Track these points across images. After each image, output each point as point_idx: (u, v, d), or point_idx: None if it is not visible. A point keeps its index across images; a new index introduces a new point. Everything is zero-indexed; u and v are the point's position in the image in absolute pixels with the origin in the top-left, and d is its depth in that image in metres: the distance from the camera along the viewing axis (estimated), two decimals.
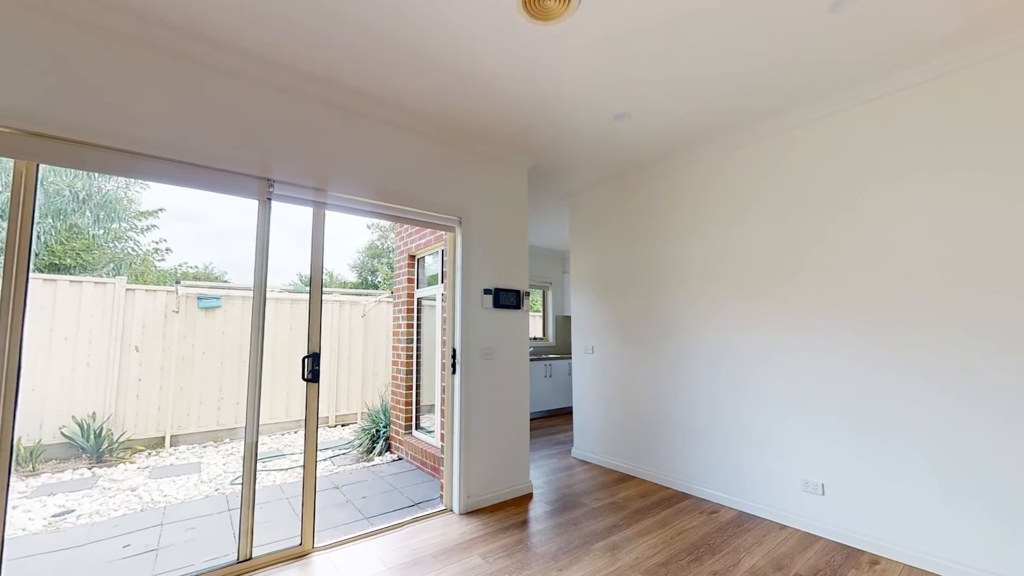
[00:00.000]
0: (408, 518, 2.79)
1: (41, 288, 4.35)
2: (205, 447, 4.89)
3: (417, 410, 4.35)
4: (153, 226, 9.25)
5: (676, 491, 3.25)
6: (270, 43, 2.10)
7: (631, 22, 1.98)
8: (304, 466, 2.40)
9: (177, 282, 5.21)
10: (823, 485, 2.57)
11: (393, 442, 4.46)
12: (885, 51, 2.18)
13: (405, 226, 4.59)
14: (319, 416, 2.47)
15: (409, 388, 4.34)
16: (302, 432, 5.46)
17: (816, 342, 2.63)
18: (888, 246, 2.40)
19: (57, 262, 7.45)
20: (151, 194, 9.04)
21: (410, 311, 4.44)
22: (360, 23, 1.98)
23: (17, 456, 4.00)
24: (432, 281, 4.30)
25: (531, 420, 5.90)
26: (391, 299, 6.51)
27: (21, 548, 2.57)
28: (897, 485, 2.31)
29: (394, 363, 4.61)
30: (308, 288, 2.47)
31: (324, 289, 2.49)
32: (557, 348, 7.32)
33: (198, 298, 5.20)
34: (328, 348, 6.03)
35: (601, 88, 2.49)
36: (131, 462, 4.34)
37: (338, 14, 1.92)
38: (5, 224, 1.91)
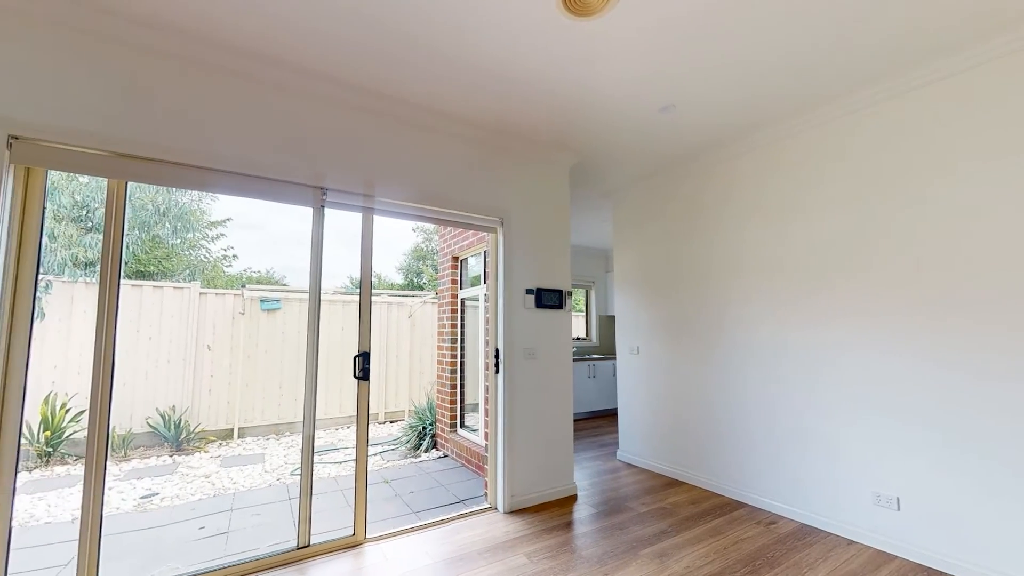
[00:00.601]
0: (454, 514, 2.85)
1: (129, 293, 4.85)
2: (268, 439, 5.25)
3: (462, 409, 4.43)
4: (222, 235, 10.05)
5: (729, 499, 3.10)
6: (323, 59, 2.23)
7: (676, 9, 1.92)
8: (356, 460, 2.51)
9: (243, 286, 5.63)
10: (898, 499, 2.35)
11: (439, 439, 4.57)
12: (969, 16, 1.97)
13: (448, 228, 4.69)
14: (369, 413, 2.58)
15: (454, 387, 4.43)
16: (354, 428, 5.73)
17: (892, 343, 2.41)
18: (976, 237, 2.16)
19: (142, 269, 8.27)
20: (220, 205, 9.82)
21: (454, 312, 4.54)
22: (407, 34, 2.05)
23: (112, 443, 4.49)
24: (475, 282, 4.37)
25: (575, 421, 5.84)
26: (436, 300, 6.68)
27: (116, 525, 2.88)
28: (988, 504, 2.08)
29: (439, 362, 4.72)
30: (358, 290, 2.59)
31: (373, 291, 2.60)
32: (601, 348, 7.20)
33: (260, 301, 5.59)
34: (377, 348, 6.28)
35: (645, 81, 2.43)
36: (205, 451, 4.74)
37: (387, 28, 2.00)
38: (101, 238, 2.14)
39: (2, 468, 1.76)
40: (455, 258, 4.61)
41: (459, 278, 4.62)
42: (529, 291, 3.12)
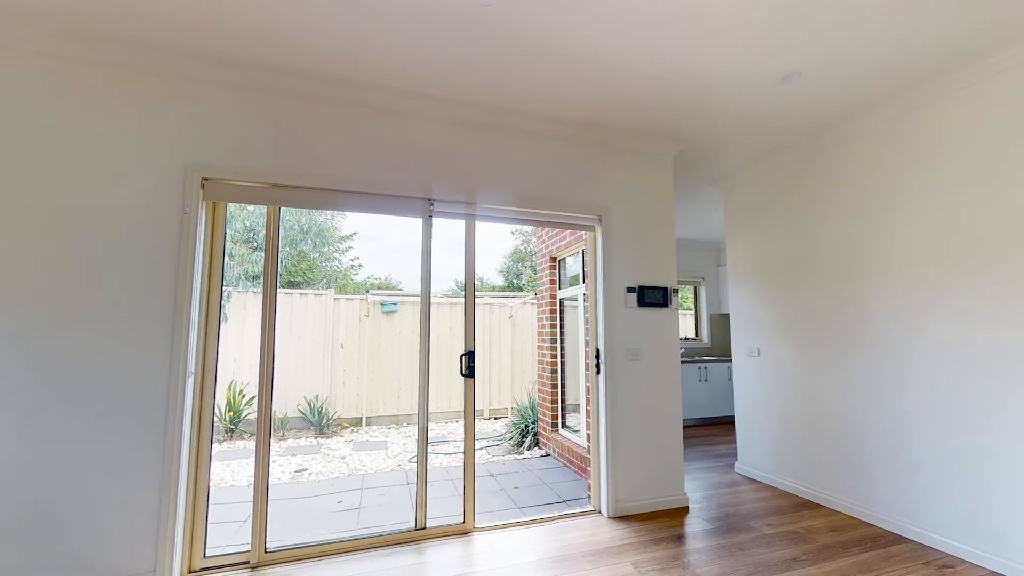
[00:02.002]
0: (557, 514, 2.86)
1: (284, 300, 5.82)
2: (390, 428, 5.85)
3: (563, 408, 4.44)
4: (350, 247, 11.50)
5: (883, 530, 2.61)
6: (427, 80, 2.42)
7: None
8: (464, 453, 2.68)
9: (367, 291, 6.38)
10: None
11: (541, 438, 4.64)
12: None
13: (546, 229, 4.75)
14: (475, 409, 2.73)
15: (554, 387, 4.46)
16: (462, 422, 6.10)
17: None
18: None
19: (291, 280, 9.85)
20: (347, 222, 11.25)
21: (553, 312, 4.56)
22: (505, 45, 2.13)
23: (273, 424, 5.42)
24: (574, 282, 4.35)
25: (684, 428, 5.45)
26: (535, 300, 6.78)
27: (278, 492, 3.47)
28: None
29: (539, 362, 4.79)
30: (463, 293, 2.75)
31: (476, 293, 2.75)
32: (713, 350, 6.61)
33: (381, 304, 6.27)
34: (481, 347, 6.60)
35: (761, 50, 2.18)
36: (341, 436, 5.46)
37: (487, 43, 2.11)
38: (263, 255, 2.58)
39: (202, 439, 2.25)
40: (553, 258, 4.64)
41: (557, 278, 4.64)
42: (631, 289, 3.01)
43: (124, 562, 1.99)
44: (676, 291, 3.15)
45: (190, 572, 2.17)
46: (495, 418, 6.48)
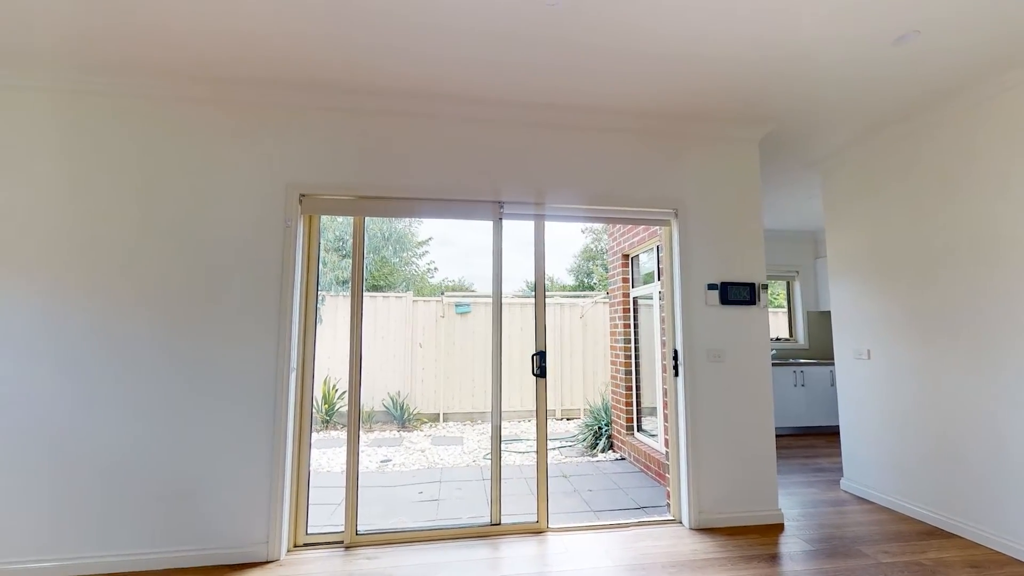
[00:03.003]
0: (634, 520, 2.76)
1: (368, 303, 6.30)
2: (465, 425, 6.07)
3: (638, 411, 4.28)
4: (426, 251, 12.12)
5: None
6: (495, 86, 2.48)
7: None
8: (537, 452, 2.69)
9: (442, 293, 6.69)
10: None
11: (615, 441, 4.51)
12: None
13: (617, 226, 4.62)
14: (547, 409, 2.73)
15: (629, 389, 4.31)
16: (534, 421, 6.14)
17: None
18: None
19: (375, 284, 10.62)
20: (424, 228, 11.88)
21: (626, 311, 4.42)
22: (574, 42, 2.12)
23: (361, 417, 5.88)
24: (648, 279, 4.18)
25: (778, 437, 4.97)
26: (607, 300, 6.62)
27: (365, 480, 3.76)
28: None
29: (612, 363, 4.67)
30: (533, 293, 2.77)
31: (546, 293, 2.76)
32: (811, 351, 5.95)
33: (455, 305, 6.53)
34: (552, 347, 6.59)
35: (870, 7, 1.92)
36: (420, 430, 5.77)
37: (558, 42, 2.11)
38: (351, 261, 2.81)
39: (303, 428, 2.51)
40: (625, 256, 4.50)
41: (630, 276, 4.49)
42: (712, 286, 2.82)
43: (243, 532, 2.29)
44: (765, 287, 2.89)
45: (295, 546, 2.43)
46: (567, 419, 6.43)
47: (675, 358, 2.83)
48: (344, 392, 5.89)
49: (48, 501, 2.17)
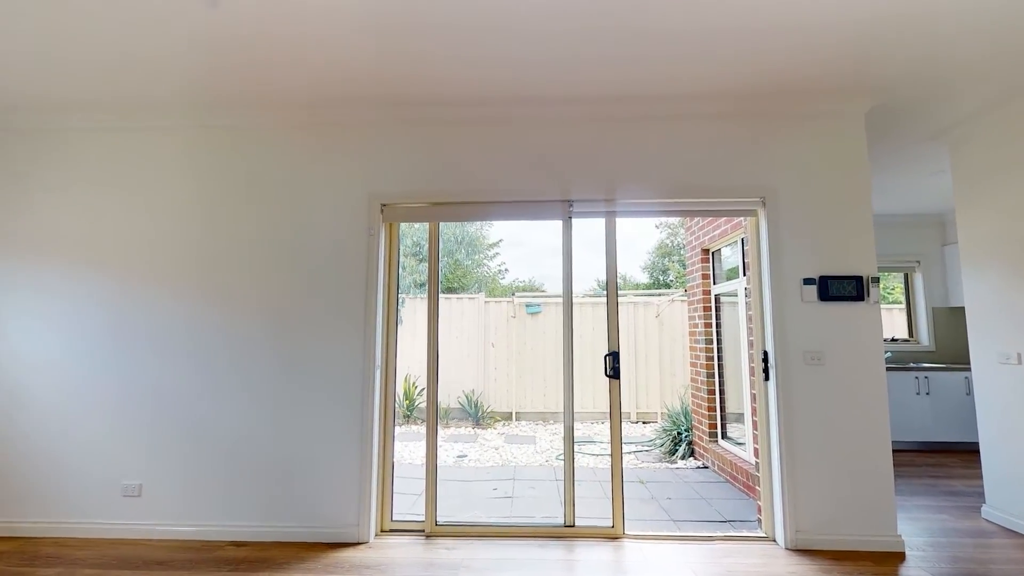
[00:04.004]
0: (719, 534, 2.57)
1: (443, 304, 6.58)
2: (537, 424, 6.08)
3: (723, 417, 3.98)
4: (497, 253, 12.39)
5: None
6: (565, 82, 2.46)
7: None
8: (611, 455, 2.61)
9: (513, 294, 6.78)
10: None
11: (697, 448, 4.24)
12: None
13: (696, 219, 4.35)
14: (621, 411, 2.64)
15: (711, 392, 4.03)
16: (608, 424, 5.98)
17: None
18: None
19: (449, 286, 11.08)
20: (494, 230, 12.16)
21: (707, 309, 4.14)
22: (640, 29, 2.04)
23: (438, 413, 6.15)
24: (731, 275, 3.87)
25: (897, 452, 4.33)
26: (685, 298, 6.26)
27: (443, 474, 3.92)
28: None
29: (692, 365, 4.40)
30: (605, 292, 2.70)
31: (618, 292, 2.67)
32: (938, 354, 5.08)
33: (526, 306, 6.58)
34: (625, 348, 6.37)
35: None
36: (494, 428, 5.90)
37: (621, 30, 2.05)
38: (427, 265, 2.95)
39: (387, 421, 2.69)
40: (705, 251, 4.22)
41: (711, 272, 4.20)
42: (808, 281, 2.54)
43: (337, 514, 2.51)
44: (876, 280, 2.53)
45: (382, 531, 2.61)
46: (643, 422, 6.17)
47: (765, 360, 2.59)
48: (423, 389, 6.21)
49: (185, 475, 2.56)
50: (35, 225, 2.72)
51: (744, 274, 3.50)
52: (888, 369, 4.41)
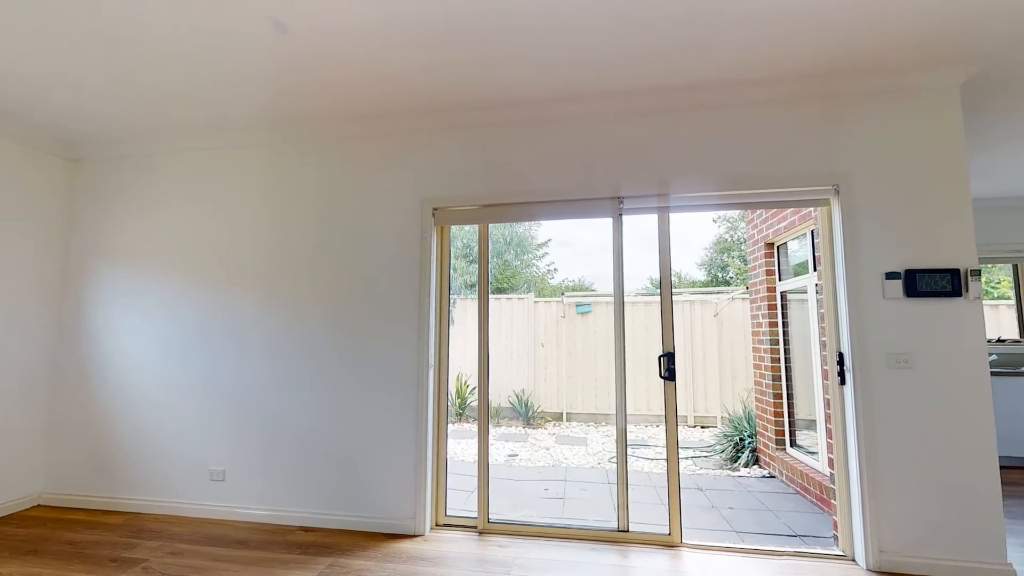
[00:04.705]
0: (789, 549, 2.39)
1: (493, 305, 6.66)
2: (588, 426, 5.99)
3: (791, 424, 3.70)
4: (545, 253, 12.35)
5: None
6: (610, 78, 2.40)
7: None
8: (667, 460, 2.51)
9: (562, 294, 6.72)
10: None
11: (762, 456, 3.97)
12: None
13: (758, 212, 4.08)
14: (678, 414, 2.53)
15: (778, 397, 3.76)
16: (663, 427, 5.76)
17: None
18: None
19: (498, 286, 11.20)
20: (543, 230, 12.14)
21: (772, 308, 3.87)
22: (693, 11, 1.95)
23: (489, 412, 6.23)
24: (799, 270, 3.59)
25: (1003, 468, 3.80)
26: (747, 295, 5.90)
27: (495, 472, 3.97)
28: None
29: (756, 367, 4.13)
30: (658, 291, 2.61)
31: (673, 290, 2.57)
32: None
33: (576, 305, 6.50)
34: (681, 348, 6.11)
35: None
36: (544, 428, 5.88)
37: (673, 18, 1.97)
38: (476, 266, 3.00)
39: (440, 419, 2.76)
40: (769, 245, 3.95)
41: (776, 267, 3.92)
42: (892, 275, 2.29)
43: (394, 507, 2.61)
44: (977, 273, 2.24)
45: (436, 525, 2.68)
46: (701, 427, 5.88)
47: (840, 363, 2.37)
48: (474, 388, 6.32)
49: (261, 463, 2.78)
50: (138, 238, 3.08)
51: (815, 269, 3.24)
52: (993, 374, 3.88)
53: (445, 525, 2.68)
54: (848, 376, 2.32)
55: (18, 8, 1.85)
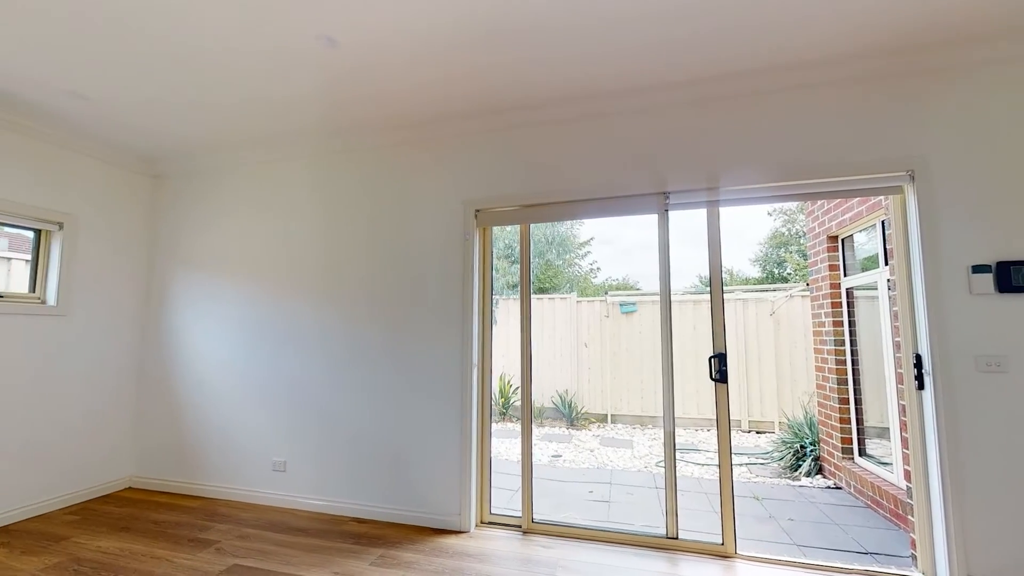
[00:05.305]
0: (859, 567, 2.20)
1: (535, 305, 6.65)
2: (634, 428, 5.83)
3: (859, 431, 3.42)
4: (588, 252, 12.18)
5: None
6: (654, 71, 2.32)
7: None
8: (719, 466, 2.39)
9: (606, 293, 6.59)
10: None
11: (826, 465, 3.69)
12: None
13: (819, 203, 3.81)
14: (730, 418, 2.41)
15: (844, 402, 3.48)
16: (714, 431, 5.49)
17: None
18: None
19: (541, 286, 11.16)
20: (585, 229, 11.97)
21: (836, 305, 3.60)
22: None
23: (533, 412, 6.22)
24: (868, 265, 3.31)
25: None
26: (807, 292, 5.52)
27: (538, 472, 3.95)
28: None
29: (819, 369, 3.84)
30: (708, 288, 2.49)
31: (724, 288, 2.45)
32: None
33: (620, 305, 6.35)
34: (734, 349, 5.81)
35: None
36: (588, 429, 5.79)
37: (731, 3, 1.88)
38: (519, 267, 3.00)
39: (484, 417, 2.79)
40: (832, 238, 3.67)
41: (840, 262, 3.63)
42: (979, 268, 2.06)
43: (441, 503, 2.67)
44: None
45: (481, 522, 2.71)
46: (756, 432, 5.56)
47: (918, 366, 2.15)
48: (517, 388, 6.34)
49: (318, 456, 2.94)
50: (208, 246, 3.35)
51: (886, 263, 2.98)
52: None
53: (489, 523, 2.71)
54: (927, 380, 2.10)
55: (108, 43, 2.07)
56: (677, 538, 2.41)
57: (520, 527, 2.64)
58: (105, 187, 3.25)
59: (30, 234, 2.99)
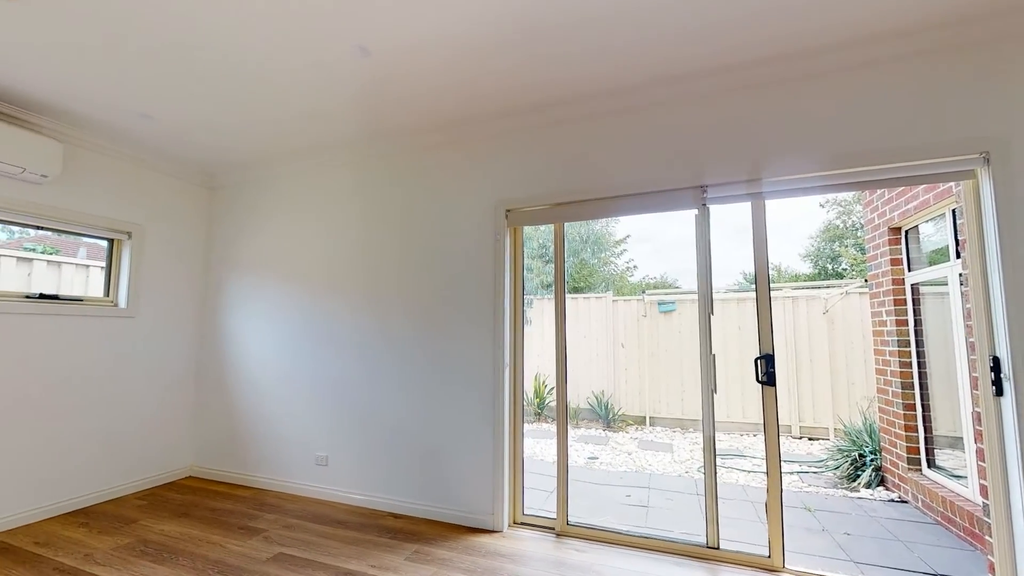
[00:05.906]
0: None
1: (570, 304, 6.56)
2: (674, 431, 5.63)
3: (927, 440, 3.13)
4: (624, 250, 11.90)
5: None
6: (690, 57, 2.22)
7: None
8: (767, 474, 2.26)
9: (643, 292, 6.40)
10: None
11: (889, 476, 3.41)
12: None
13: (878, 192, 3.53)
14: (779, 423, 2.26)
15: (910, 408, 3.20)
16: (760, 436, 5.21)
17: None
18: None
19: (576, 286, 11.02)
20: (620, 226, 11.71)
21: (899, 303, 3.31)
22: None
23: (568, 413, 6.15)
24: (936, 258, 3.03)
25: None
26: (865, 289, 5.14)
27: (574, 474, 3.90)
28: None
29: (880, 372, 3.56)
30: (753, 286, 2.35)
31: (771, 285, 2.31)
32: None
33: (658, 304, 6.16)
34: (782, 350, 5.48)
35: None
36: (626, 432, 5.65)
37: None
38: (553, 266, 2.97)
39: (516, 418, 2.77)
40: (895, 229, 3.38)
41: (903, 255, 3.34)
42: None
43: (474, 502, 2.68)
44: None
45: (514, 523, 2.70)
46: (808, 438, 5.23)
47: (995, 369, 1.93)
48: (552, 388, 6.29)
49: (357, 452, 3.03)
50: (259, 250, 3.54)
51: (958, 256, 2.71)
52: None
53: (523, 523, 2.69)
54: (1006, 386, 1.88)
55: (171, 66, 2.22)
56: (718, 548, 2.29)
57: (554, 529, 2.60)
58: (168, 198, 3.50)
59: (104, 243, 3.27)
